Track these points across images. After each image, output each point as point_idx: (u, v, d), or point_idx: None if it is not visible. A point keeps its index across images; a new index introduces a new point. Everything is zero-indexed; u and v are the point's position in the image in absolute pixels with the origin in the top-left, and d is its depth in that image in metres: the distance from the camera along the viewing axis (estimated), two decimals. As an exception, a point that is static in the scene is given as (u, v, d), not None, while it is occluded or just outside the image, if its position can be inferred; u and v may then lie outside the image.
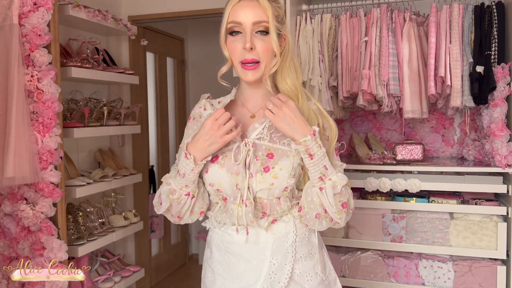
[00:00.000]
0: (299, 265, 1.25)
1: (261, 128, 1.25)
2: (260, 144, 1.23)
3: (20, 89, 1.92)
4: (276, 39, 1.20)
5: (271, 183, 1.20)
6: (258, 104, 1.30)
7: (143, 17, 3.16)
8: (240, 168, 1.20)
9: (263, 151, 1.22)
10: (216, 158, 1.23)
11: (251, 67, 1.20)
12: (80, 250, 2.30)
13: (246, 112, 1.30)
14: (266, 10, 1.19)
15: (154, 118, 3.76)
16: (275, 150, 1.22)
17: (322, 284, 1.29)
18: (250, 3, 1.19)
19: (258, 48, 1.20)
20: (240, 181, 1.20)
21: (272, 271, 1.22)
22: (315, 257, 1.30)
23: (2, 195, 2.09)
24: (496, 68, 2.14)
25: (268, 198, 1.23)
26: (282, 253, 1.23)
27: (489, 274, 2.17)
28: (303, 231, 1.28)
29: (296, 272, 1.24)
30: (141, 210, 3.18)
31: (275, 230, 1.25)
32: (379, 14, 2.32)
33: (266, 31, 1.20)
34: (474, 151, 2.46)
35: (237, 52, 1.21)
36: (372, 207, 2.35)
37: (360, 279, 2.37)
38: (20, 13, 1.98)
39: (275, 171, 1.19)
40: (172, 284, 3.66)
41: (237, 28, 1.20)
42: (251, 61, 1.20)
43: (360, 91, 2.32)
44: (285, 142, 1.23)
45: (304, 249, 1.27)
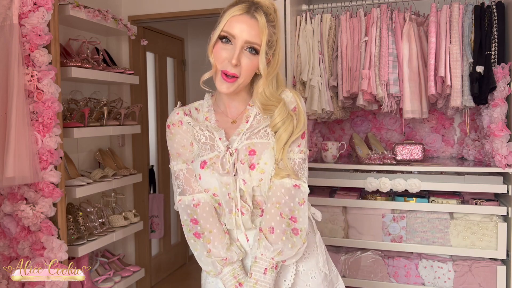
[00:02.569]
0: (302, 263, 1.26)
1: (239, 138, 1.25)
2: (240, 148, 1.23)
3: (20, 89, 1.92)
4: (264, 62, 1.22)
5: (260, 179, 1.21)
6: (238, 109, 1.32)
7: (143, 17, 3.15)
8: (230, 177, 1.21)
9: (245, 151, 1.22)
10: (204, 163, 1.24)
11: (229, 80, 1.21)
12: (80, 250, 2.30)
13: (227, 118, 1.32)
14: (262, 34, 1.20)
15: (154, 118, 3.76)
16: (255, 145, 1.23)
17: (326, 280, 1.30)
18: (250, 21, 1.20)
19: (243, 65, 1.21)
20: (231, 191, 1.21)
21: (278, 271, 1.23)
22: (317, 253, 1.31)
23: (2, 195, 2.09)
24: (496, 68, 2.14)
25: (261, 195, 1.24)
26: None
27: (489, 274, 2.17)
28: None
29: (300, 269, 1.26)
30: (141, 210, 3.18)
31: None
32: (379, 14, 2.32)
33: (256, 50, 1.21)
34: (474, 151, 2.46)
35: (221, 60, 1.21)
36: (372, 207, 2.35)
37: (360, 279, 2.37)
38: (20, 13, 1.98)
39: (261, 166, 1.21)
40: (172, 284, 3.65)
41: (229, 38, 1.21)
42: (231, 74, 1.21)
43: (360, 91, 2.32)
44: (261, 135, 1.24)
45: (306, 247, 1.27)
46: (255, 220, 1.25)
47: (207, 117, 1.32)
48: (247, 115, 1.30)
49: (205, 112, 1.33)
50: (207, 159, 1.23)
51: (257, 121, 1.28)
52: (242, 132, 1.26)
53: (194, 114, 1.33)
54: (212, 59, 1.23)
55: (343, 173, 2.40)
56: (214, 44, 1.22)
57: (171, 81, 4.04)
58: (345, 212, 2.42)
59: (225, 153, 1.22)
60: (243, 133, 1.26)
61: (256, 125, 1.27)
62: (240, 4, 1.22)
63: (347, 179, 2.38)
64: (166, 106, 3.92)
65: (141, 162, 3.26)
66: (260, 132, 1.25)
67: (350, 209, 2.41)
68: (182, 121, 1.31)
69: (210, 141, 1.26)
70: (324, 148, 2.48)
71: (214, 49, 1.23)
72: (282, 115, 1.24)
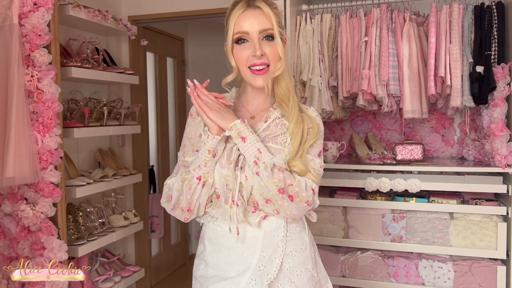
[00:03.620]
0: (289, 260, 1.28)
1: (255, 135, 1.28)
2: None
3: (20, 89, 1.92)
4: (281, 44, 1.26)
5: None
6: (259, 106, 1.35)
7: (143, 17, 3.16)
8: (231, 169, 1.24)
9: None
10: None
11: (261, 72, 1.25)
12: (80, 250, 2.30)
13: (246, 113, 1.35)
14: (270, 18, 1.24)
15: (154, 118, 3.76)
16: (268, 148, 1.26)
17: (312, 280, 1.31)
18: (254, 12, 1.25)
19: (267, 53, 1.25)
20: (230, 182, 1.25)
21: (262, 263, 1.25)
22: (305, 253, 1.32)
23: (2, 195, 2.09)
24: (496, 68, 2.14)
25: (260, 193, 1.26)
26: (273, 247, 1.27)
27: (489, 274, 2.17)
28: (294, 227, 1.31)
29: (285, 266, 1.27)
30: (141, 210, 3.18)
31: (266, 225, 1.28)
32: (379, 14, 2.32)
33: (272, 36, 1.25)
34: (474, 151, 2.46)
35: (245, 59, 1.25)
36: (372, 207, 2.35)
37: (360, 279, 2.37)
38: (20, 13, 1.98)
39: None
40: (172, 284, 3.65)
41: (244, 37, 1.25)
42: (261, 64, 1.24)
43: (360, 91, 2.32)
44: (278, 142, 1.28)
45: (295, 244, 1.30)
46: (247, 216, 1.28)
47: None
48: (267, 115, 1.33)
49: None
50: None
51: (275, 124, 1.32)
52: (259, 131, 1.30)
53: None
54: (234, 62, 1.28)
55: (343, 173, 2.40)
56: (232, 50, 1.27)
57: (171, 81, 4.04)
58: (345, 212, 2.42)
59: (233, 146, 1.26)
60: (259, 132, 1.29)
61: (274, 128, 1.31)
62: (239, 3, 1.27)
63: (347, 179, 2.38)
64: (166, 106, 3.92)
65: (141, 162, 3.26)
66: (278, 138, 1.29)
67: (350, 209, 2.41)
68: None
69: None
70: (324, 148, 2.48)
71: (234, 53, 1.27)
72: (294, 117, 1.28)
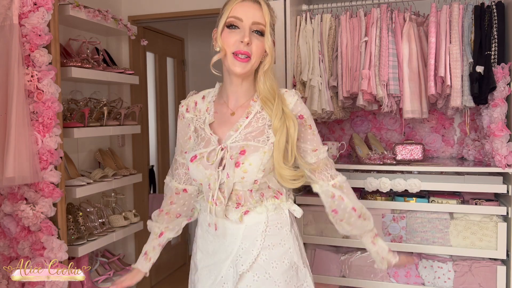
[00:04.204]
0: (266, 252, 1.33)
1: (236, 134, 1.33)
2: (234, 146, 1.32)
3: (20, 89, 1.92)
4: (270, 41, 1.32)
5: (242, 177, 1.30)
6: (238, 101, 1.39)
7: (143, 17, 3.16)
8: (213, 169, 1.31)
9: (237, 149, 1.31)
10: (194, 158, 1.35)
11: (243, 59, 1.29)
12: (80, 250, 2.30)
13: (227, 110, 1.39)
14: (265, 16, 1.31)
15: (154, 118, 3.76)
16: (248, 146, 1.30)
17: (289, 271, 1.35)
18: (253, 5, 1.30)
19: (253, 45, 1.30)
20: (212, 182, 1.32)
21: (239, 254, 1.33)
22: (284, 247, 1.36)
23: (2, 195, 2.09)
24: (496, 68, 2.14)
25: (242, 189, 1.33)
26: (251, 240, 1.33)
27: (489, 274, 2.17)
28: (274, 223, 1.36)
29: (262, 258, 1.33)
30: (141, 210, 3.18)
31: (248, 219, 1.34)
32: (379, 14, 2.32)
33: (262, 32, 1.31)
34: (474, 151, 2.46)
35: (231, 43, 1.29)
36: (372, 207, 2.34)
37: (360, 279, 2.37)
38: (20, 13, 1.98)
39: (245, 166, 1.28)
40: (172, 284, 3.66)
41: (236, 23, 1.30)
42: (244, 53, 1.29)
43: (360, 91, 2.32)
44: (260, 140, 1.32)
45: (274, 239, 1.35)
46: (229, 211, 1.34)
47: (208, 108, 1.41)
48: (248, 110, 1.36)
49: (207, 103, 1.42)
50: (198, 154, 1.34)
51: (256, 119, 1.35)
52: (240, 128, 1.34)
53: (199, 105, 1.43)
54: (220, 43, 1.31)
55: (343, 173, 2.36)
56: (222, 32, 1.31)
57: (171, 81, 4.04)
58: (345, 212, 2.42)
59: (216, 146, 1.32)
60: (241, 129, 1.33)
61: (255, 124, 1.34)
62: None
63: (347, 179, 2.37)
64: (166, 106, 3.92)
65: (141, 162, 3.26)
66: (259, 136, 1.32)
67: (350, 209, 2.41)
68: (184, 115, 1.45)
69: (207, 136, 1.36)
70: (324, 148, 2.48)
71: (223, 36, 1.31)
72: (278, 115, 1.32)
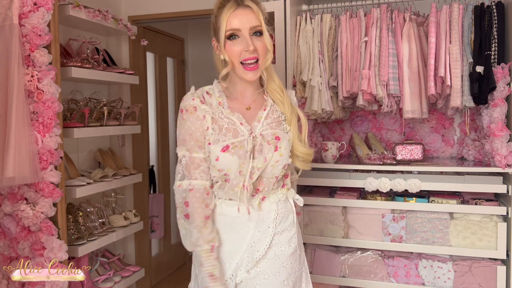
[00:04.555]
0: (276, 237, 1.43)
1: (260, 125, 1.44)
2: (266, 133, 1.42)
3: (20, 89, 1.92)
4: (269, 38, 1.39)
5: (277, 160, 1.40)
6: (251, 97, 1.47)
7: (143, 17, 3.16)
8: (246, 157, 1.37)
9: (271, 136, 1.42)
10: (226, 148, 1.37)
11: (252, 67, 1.37)
12: (80, 250, 2.30)
13: (241, 105, 1.46)
14: (259, 15, 1.37)
15: (154, 118, 3.76)
16: (279, 133, 1.43)
17: (294, 254, 1.47)
18: (244, 11, 1.36)
19: (257, 47, 1.37)
20: (244, 168, 1.37)
21: (254, 241, 1.41)
22: (290, 232, 1.48)
23: (2, 195, 2.09)
24: (496, 68, 2.14)
25: (269, 176, 1.42)
26: (264, 227, 1.42)
27: (489, 274, 2.17)
28: (283, 211, 1.46)
29: (273, 242, 1.43)
30: (141, 210, 3.18)
31: (263, 206, 1.43)
32: (379, 14, 2.32)
33: (260, 32, 1.38)
34: (474, 151, 2.46)
35: (237, 53, 1.36)
36: (372, 207, 2.35)
37: (360, 279, 2.37)
38: (20, 13, 1.98)
39: (281, 150, 1.41)
40: (172, 284, 3.65)
41: (236, 33, 1.36)
42: (252, 58, 1.36)
43: (360, 91, 2.32)
44: (282, 128, 1.46)
45: (283, 225, 1.46)
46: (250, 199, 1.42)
47: (220, 102, 1.44)
48: (265, 104, 1.47)
49: (217, 97, 1.45)
50: (230, 144, 1.38)
51: (272, 111, 1.47)
52: (262, 119, 1.44)
53: (207, 99, 1.44)
54: (227, 56, 1.38)
55: (343, 173, 2.40)
56: (224, 45, 1.38)
57: (171, 81, 4.04)
58: (345, 212, 2.42)
59: (248, 136, 1.39)
60: (262, 120, 1.44)
61: (272, 115, 1.46)
62: (228, 2, 1.37)
63: (347, 179, 2.38)
64: (166, 106, 3.92)
65: (141, 162, 3.26)
66: (279, 126, 1.46)
67: (350, 209, 2.41)
68: (197, 107, 1.42)
69: (232, 126, 1.40)
70: (324, 148, 2.48)
71: (226, 48, 1.38)
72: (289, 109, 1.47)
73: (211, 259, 1.38)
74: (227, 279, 1.40)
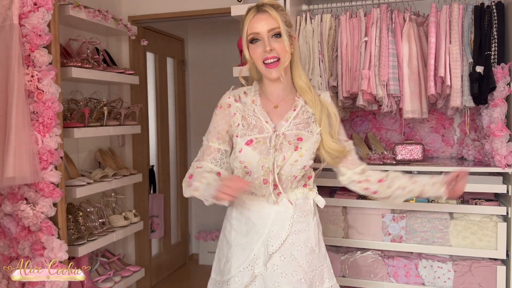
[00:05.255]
0: (292, 237, 1.52)
1: (287, 124, 1.53)
2: (289, 133, 1.51)
3: (20, 89, 1.92)
4: (287, 39, 1.47)
5: (296, 160, 1.48)
6: (279, 96, 1.57)
7: (143, 17, 3.16)
8: (268, 153, 1.47)
9: (293, 136, 1.51)
10: (250, 142, 1.49)
11: (273, 65, 1.48)
12: (80, 250, 2.31)
13: (270, 103, 1.57)
14: (277, 19, 1.46)
15: (154, 118, 3.76)
16: (303, 135, 1.51)
17: (311, 255, 1.55)
18: (263, 16, 1.47)
19: (276, 48, 1.47)
20: (267, 163, 1.48)
21: (270, 236, 1.50)
22: (308, 233, 1.55)
23: (2, 195, 2.09)
24: (496, 68, 2.14)
25: (288, 174, 1.50)
26: (281, 223, 1.51)
27: (489, 274, 2.17)
28: (301, 211, 1.54)
29: (289, 241, 1.51)
30: (141, 210, 3.18)
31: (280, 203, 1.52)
32: (379, 14, 2.32)
33: (279, 34, 1.47)
34: (474, 151, 2.46)
35: (258, 55, 1.49)
36: (372, 207, 2.35)
37: (360, 279, 2.37)
38: (20, 13, 1.98)
39: (302, 151, 1.49)
40: (172, 284, 3.66)
41: (256, 37, 1.48)
42: (272, 57, 1.47)
43: (360, 91, 2.32)
44: (309, 130, 1.53)
45: (300, 225, 1.53)
46: None
47: (254, 100, 1.57)
48: (295, 104, 1.56)
49: (252, 96, 1.58)
50: (254, 138, 1.49)
51: (302, 112, 1.55)
52: (290, 119, 1.53)
53: (242, 98, 1.58)
54: (249, 56, 1.53)
55: (343, 173, 2.39)
56: (248, 48, 1.51)
57: (171, 81, 4.04)
58: (345, 212, 2.42)
59: (272, 134, 1.49)
60: (290, 120, 1.53)
61: (302, 116, 1.54)
62: (251, 10, 1.51)
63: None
64: (166, 106, 3.92)
65: (141, 162, 3.26)
66: (307, 127, 1.53)
67: (350, 209, 2.41)
68: (231, 105, 1.55)
69: (259, 124, 1.52)
70: (324, 148, 2.48)
71: (250, 51, 1.52)
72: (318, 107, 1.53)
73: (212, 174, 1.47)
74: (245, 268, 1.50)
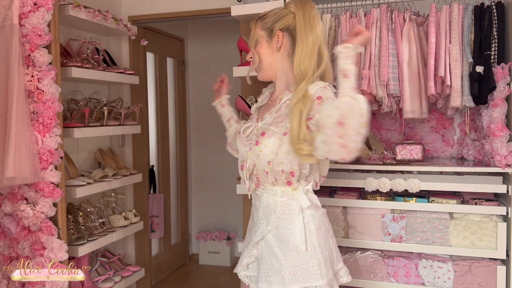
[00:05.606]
0: (275, 232, 1.55)
1: (269, 117, 1.58)
2: (261, 127, 1.57)
3: (20, 89, 1.92)
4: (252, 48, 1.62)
5: (257, 155, 1.53)
6: (276, 93, 1.64)
7: (143, 17, 3.16)
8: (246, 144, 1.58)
9: (260, 130, 1.56)
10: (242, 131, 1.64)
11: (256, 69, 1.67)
12: (80, 250, 2.31)
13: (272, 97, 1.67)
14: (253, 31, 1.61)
15: (154, 118, 3.76)
16: (268, 130, 1.53)
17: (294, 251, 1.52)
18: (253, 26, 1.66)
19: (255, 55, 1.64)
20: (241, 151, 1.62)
21: (258, 226, 1.60)
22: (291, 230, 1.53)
23: (2, 195, 2.09)
24: (496, 68, 2.14)
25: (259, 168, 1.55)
26: (267, 216, 1.57)
27: (488, 274, 2.17)
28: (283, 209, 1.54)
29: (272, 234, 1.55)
30: (141, 210, 3.19)
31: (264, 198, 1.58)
32: (379, 14, 2.32)
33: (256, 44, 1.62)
34: (474, 151, 2.46)
35: None
36: (372, 207, 2.35)
37: (360, 279, 2.37)
38: (21, 13, 1.98)
39: (261, 147, 1.52)
40: (172, 284, 3.66)
41: None
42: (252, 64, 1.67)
43: (360, 91, 2.32)
44: (279, 125, 1.52)
45: (282, 222, 1.55)
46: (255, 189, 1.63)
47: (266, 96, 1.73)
48: (281, 98, 1.59)
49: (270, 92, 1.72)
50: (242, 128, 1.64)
51: (285, 105, 1.55)
52: (273, 112, 1.58)
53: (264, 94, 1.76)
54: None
55: (343, 173, 2.40)
56: None
57: (171, 81, 4.04)
58: (345, 212, 2.42)
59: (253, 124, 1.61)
60: (273, 113, 1.57)
61: (284, 110, 1.54)
62: None
63: (347, 179, 2.38)
64: (166, 106, 3.92)
65: (141, 162, 3.26)
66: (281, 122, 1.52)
67: (350, 209, 2.41)
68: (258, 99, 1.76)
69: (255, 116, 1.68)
70: (324, 148, 2.48)
71: None
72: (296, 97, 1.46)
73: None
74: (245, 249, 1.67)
